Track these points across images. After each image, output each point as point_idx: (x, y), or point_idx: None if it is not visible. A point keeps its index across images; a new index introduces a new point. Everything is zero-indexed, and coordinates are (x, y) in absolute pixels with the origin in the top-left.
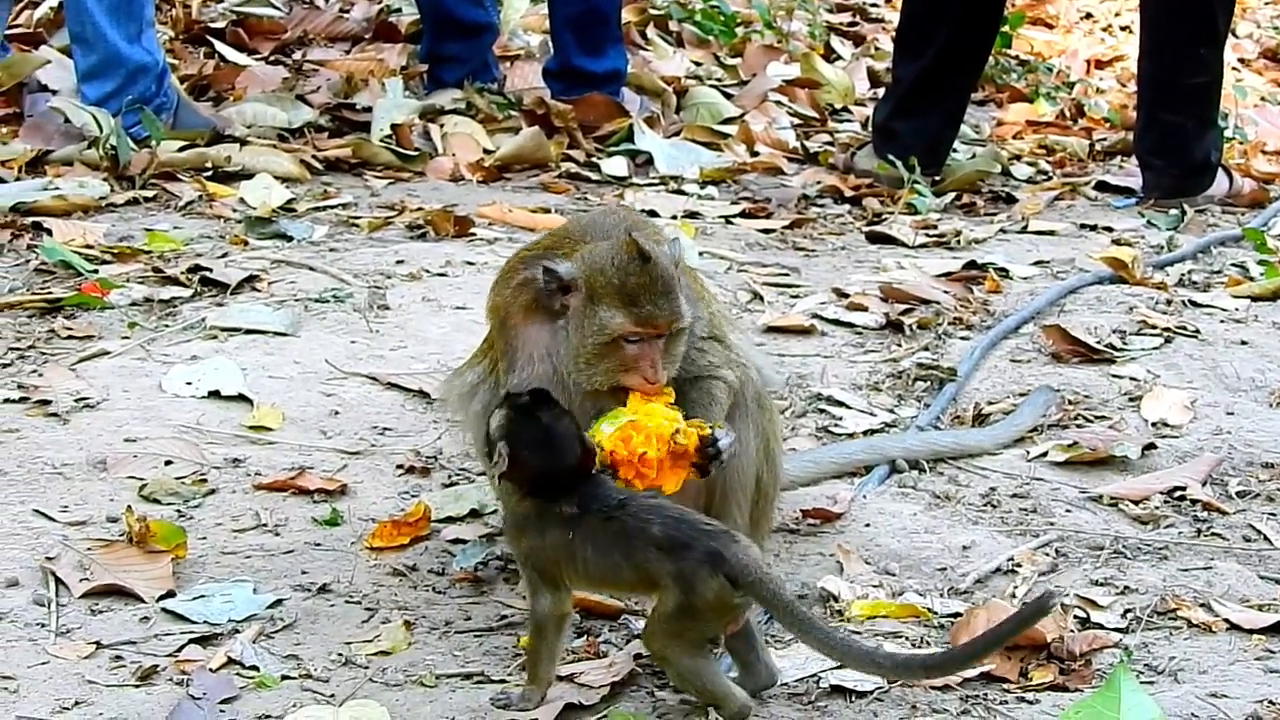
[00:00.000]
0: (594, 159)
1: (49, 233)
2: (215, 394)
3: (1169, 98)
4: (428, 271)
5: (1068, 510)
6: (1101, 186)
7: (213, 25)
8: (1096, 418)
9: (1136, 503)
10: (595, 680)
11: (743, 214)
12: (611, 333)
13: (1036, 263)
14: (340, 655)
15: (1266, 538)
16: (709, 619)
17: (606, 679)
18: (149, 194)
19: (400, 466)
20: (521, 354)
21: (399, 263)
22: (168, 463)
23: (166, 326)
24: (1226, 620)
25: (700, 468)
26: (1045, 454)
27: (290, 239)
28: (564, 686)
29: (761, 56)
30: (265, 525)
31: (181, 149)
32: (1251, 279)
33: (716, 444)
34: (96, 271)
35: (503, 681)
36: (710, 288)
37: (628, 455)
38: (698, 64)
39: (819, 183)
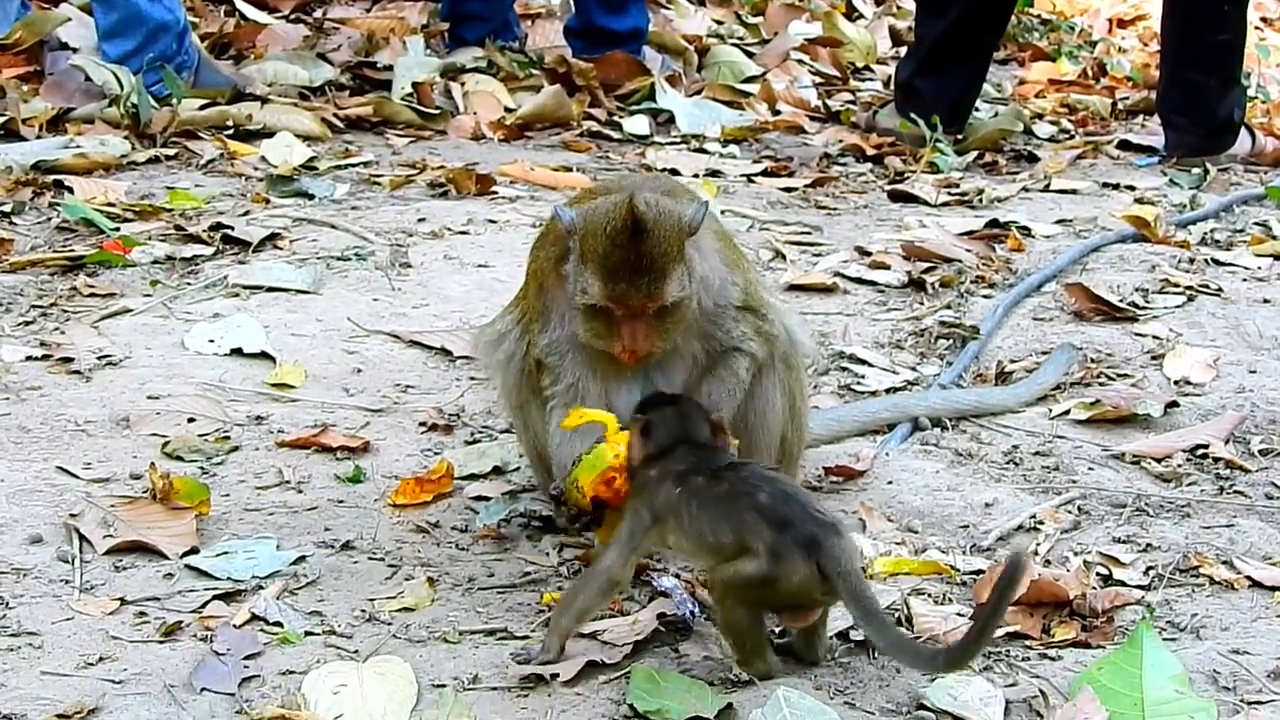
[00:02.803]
0: (615, 117)
1: (70, 191)
2: (237, 351)
3: (1192, 56)
4: (449, 229)
5: (1090, 468)
6: (1124, 145)
7: None
8: (1119, 376)
9: (1159, 460)
10: (618, 638)
11: (764, 172)
12: (589, 299)
13: (1059, 221)
14: (363, 611)
15: None
16: (783, 598)
17: (629, 637)
18: (170, 152)
19: (423, 424)
20: (555, 314)
21: (421, 221)
22: (190, 420)
23: (188, 284)
24: (1249, 578)
25: None
26: (1068, 412)
27: (312, 197)
28: (586, 643)
29: (783, 15)
30: (288, 482)
31: (202, 107)
32: (1274, 237)
33: None
34: (118, 229)
35: (525, 638)
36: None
37: (612, 495)
38: (719, 22)
39: (841, 141)
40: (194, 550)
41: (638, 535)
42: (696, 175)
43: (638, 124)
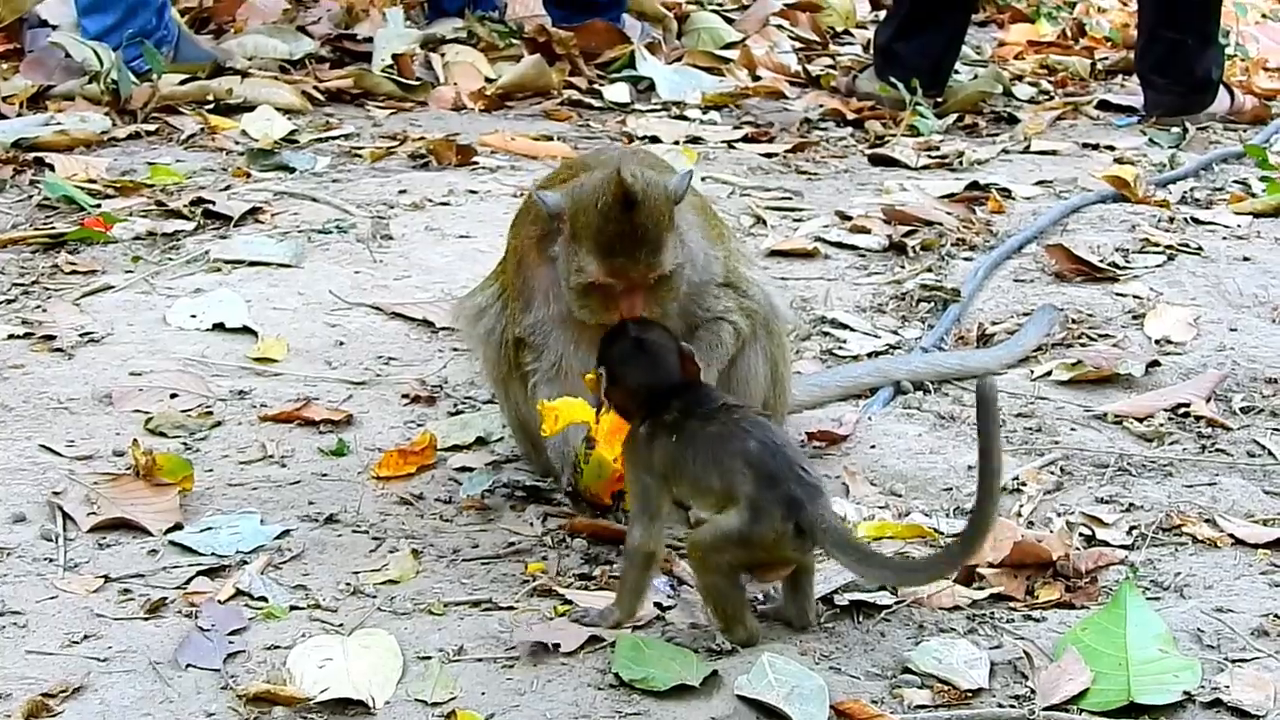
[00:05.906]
0: (596, 86)
1: (51, 168)
2: (220, 326)
3: (1170, 15)
4: (431, 201)
5: (1072, 429)
6: (1103, 105)
7: None
8: (1100, 336)
9: (1141, 420)
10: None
11: (745, 138)
12: (586, 278)
13: (1039, 182)
14: (348, 585)
15: (1271, 453)
16: (758, 554)
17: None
18: (151, 128)
19: (406, 396)
20: (538, 294)
21: (402, 192)
22: (173, 396)
23: (170, 260)
24: (1231, 536)
25: None
26: (1049, 373)
27: (293, 170)
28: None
29: None
30: (271, 456)
31: (183, 82)
32: (1254, 195)
33: None
34: (99, 206)
35: (510, 608)
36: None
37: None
38: None
39: (821, 106)
40: (178, 526)
41: (651, 501)
42: (677, 142)
43: (618, 92)
